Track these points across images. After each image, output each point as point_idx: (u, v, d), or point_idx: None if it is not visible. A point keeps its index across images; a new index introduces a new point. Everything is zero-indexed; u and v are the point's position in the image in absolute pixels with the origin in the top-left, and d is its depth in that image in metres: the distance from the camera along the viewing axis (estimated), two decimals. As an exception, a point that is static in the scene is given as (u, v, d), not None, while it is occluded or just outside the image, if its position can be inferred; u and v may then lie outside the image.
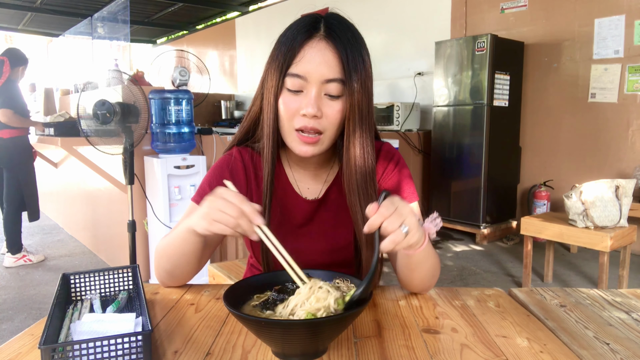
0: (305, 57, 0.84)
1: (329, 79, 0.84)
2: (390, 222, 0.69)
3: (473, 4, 4.74)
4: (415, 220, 0.71)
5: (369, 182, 0.91)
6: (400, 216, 0.70)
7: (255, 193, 0.98)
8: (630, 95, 3.73)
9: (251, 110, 0.97)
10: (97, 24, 5.39)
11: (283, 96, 0.87)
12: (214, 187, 0.92)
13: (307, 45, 0.84)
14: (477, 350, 0.71)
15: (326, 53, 0.84)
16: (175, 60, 3.51)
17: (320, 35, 0.85)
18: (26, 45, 11.13)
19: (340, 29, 0.85)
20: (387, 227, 0.69)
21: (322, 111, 0.85)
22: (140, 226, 2.97)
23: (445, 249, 3.99)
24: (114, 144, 2.55)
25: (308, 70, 0.84)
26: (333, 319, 0.66)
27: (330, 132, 0.88)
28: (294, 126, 0.87)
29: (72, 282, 0.90)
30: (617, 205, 2.61)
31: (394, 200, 0.71)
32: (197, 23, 9.15)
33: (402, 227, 0.69)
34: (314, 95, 0.84)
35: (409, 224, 0.70)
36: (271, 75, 0.88)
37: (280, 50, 0.86)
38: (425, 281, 0.91)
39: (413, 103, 4.86)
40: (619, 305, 0.89)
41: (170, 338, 0.76)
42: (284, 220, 0.98)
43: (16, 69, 3.59)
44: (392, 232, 0.69)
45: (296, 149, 0.89)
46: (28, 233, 4.65)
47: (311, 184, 1.01)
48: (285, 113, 0.87)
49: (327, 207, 1.00)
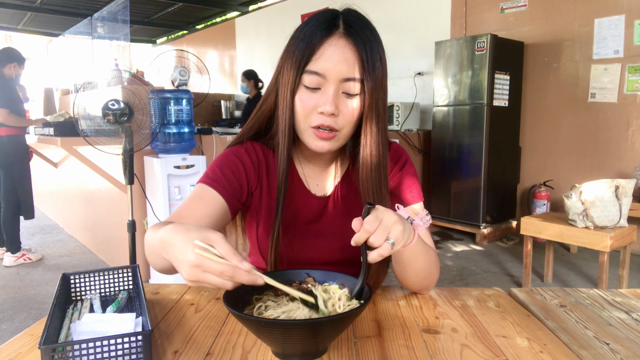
0: (324, 55, 0.83)
1: (348, 77, 0.83)
2: (376, 237, 0.69)
3: (473, 4, 4.74)
4: (401, 228, 0.71)
5: (383, 180, 0.92)
6: (385, 230, 0.70)
7: (265, 187, 0.97)
8: (630, 95, 3.73)
9: (263, 105, 0.95)
10: (97, 23, 5.39)
11: (300, 93, 0.86)
12: (226, 172, 0.93)
13: (326, 43, 0.83)
14: (477, 350, 0.71)
15: (345, 51, 0.83)
16: (175, 60, 3.51)
17: (340, 32, 0.84)
18: (26, 45, 11.13)
19: (359, 26, 0.85)
20: (373, 242, 0.69)
21: (339, 109, 0.85)
22: (140, 226, 2.97)
23: (445, 249, 3.99)
24: (114, 144, 2.54)
25: (327, 68, 0.83)
26: (333, 319, 0.66)
27: (347, 130, 0.88)
28: (311, 124, 0.86)
29: (72, 282, 0.90)
30: (617, 205, 2.61)
31: (378, 214, 0.71)
32: (197, 23, 9.15)
33: (388, 240, 0.70)
34: (332, 93, 0.83)
35: (395, 236, 0.70)
36: (287, 71, 0.86)
37: (298, 46, 0.85)
38: (421, 278, 0.90)
39: (413, 103, 4.86)
40: (619, 305, 0.89)
41: (170, 338, 0.76)
42: (294, 216, 0.97)
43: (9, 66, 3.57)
44: (379, 247, 0.70)
45: (312, 144, 0.88)
46: (28, 233, 4.65)
47: (321, 181, 1.01)
48: (302, 110, 0.86)
49: (336, 203, 1.00)
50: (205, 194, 0.90)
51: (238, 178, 0.94)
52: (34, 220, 5.20)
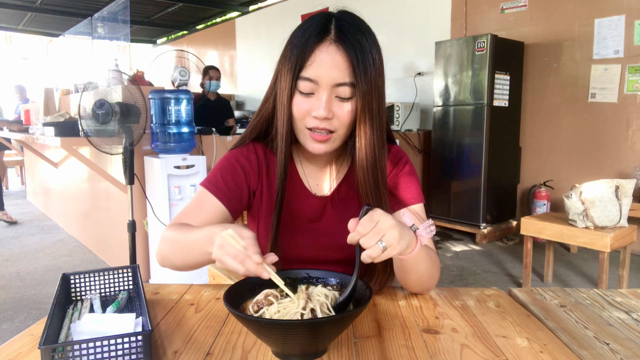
0: (316, 61, 0.85)
1: (339, 82, 0.85)
2: (367, 239, 0.70)
3: (473, 4, 4.74)
4: (396, 234, 0.72)
5: (381, 181, 0.93)
6: (378, 233, 0.71)
7: (266, 187, 1.00)
8: (630, 95, 3.73)
9: (263, 108, 0.98)
10: (97, 24, 5.38)
11: (295, 98, 0.89)
12: (226, 177, 0.97)
13: (317, 49, 0.85)
14: (477, 350, 0.71)
15: (336, 57, 0.85)
16: (175, 60, 3.50)
17: (331, 38, 0.85)
18: (26, 45, 11.14)
19: (350, 31, 0.86)
20: (364, 244, 0.71)
21: (333, 112, 0.87)
22: (140, 226, 2.97)
23: (445, 249, 3.99)
24: (114, 144, 2.54)
25: (319, 74, 0.85)
26: (333, 319, 0.66)
27: (342, 131, 0.90)
28: (306, 125, 0.89)
29: (72, 282, 0.90)
30: (617, 205, 2.61)
31: (374, 216, 0.72)
32: (197, 23, 9.15)
33: (379, 243, 0.70)
34: (325, 98, 0.86)
35: (388, 240, 0.71)
36: (284, 76, 0.89)
37: (293, 52, 0.87)
38: (422, 282, 0.91)
39: (413, 103, 4.85)
40: (619, 305, 0.89)
41: (170, 338, 0.76)
42: (294, 215, 0.99)
43: None
44: (369, 248, 0.70)
45: (309, 146, 0.91)
46: (28, 233, 4.66)
47: (321, 181, 1.02)
48: (297, 114, 0.89)
49: (336, 203, 1.01)
50: (206, 200, 0.95)
51: (238, 182, 0.97)
52: (34, 221, 5.21)
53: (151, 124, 2.94)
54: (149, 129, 2.97)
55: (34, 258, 3.82)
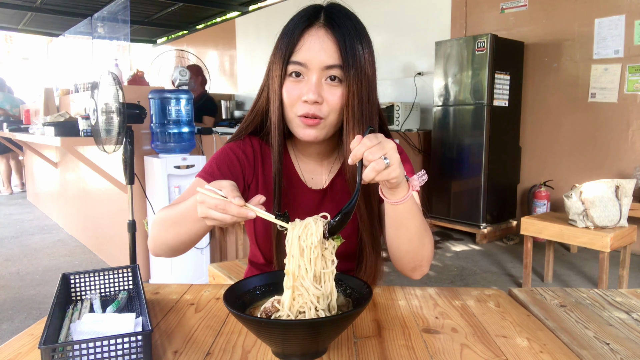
0: (305, 45, 0.87)
1: (328, 65, 0.86)
2: (372, 152, 0.70)
3: (473, 4, 4.74)
4: (398, 157, 0.73)
5: None
6: (383, 148, 0.71)
7: (261, 180, 1.00)
8: (630, 95, 3.73)
9: (257, 102, 0.99)
10: (97, 24, 5.38)
11: (286, 84, 0.89)
12: (221, 167, 0.97)
13: (306, 34, 0.87)
14: (477, 350, 0.71)
15: (325, 40, 0.86)
16: (175, 60, 3.51)
17: (320, 23, 0.87)
18: (26, 45, 11.14)
19: (339, 17, 0.88)
20: (368, 156, 0.70)
21: (322, 97, 0.87)
22: (140, 226, 2.97)
23: (445, 249, 3.99)
24: (114, 144, 2.54)
25: (308, 58, 0.86)
26: (333, 319, 0.66)
27: (332, 118, 0.90)
28: (297, 113, 0.89)
29: (72, 282, 0.90)
30: (617, 205, 2.61)
31: (378, 135, 0.73)
32: (197, 23, 9.14)
33: (384, 159, 0.71)
34: (314, 81, 0.86)
35: (391, 158, 0.71)
36: (275, 65, 0.90)
37: (283, 41, 0.89)
38: (414, 246, 0.88)
39: (413, 103, 4.85)
40: (619, 305, 0.89)
41: (170, 338, 0.76)
42: (289, 209, 0.99)
43: None
44: (373, 161, 0.71)
45: (299, 133, 0.91)
46: (28, 233, 4.66)
47: (316, 174, 1.03)
48: (287, 100, 0.89)
49: (331, 197, 1.02)
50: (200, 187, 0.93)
51: (233, 172, 0.98)
52: (34, 220, 5.21)
53: (151, 124, 2.94)
54: (149, 128, 2.97)
55: (34, 258, 3.82)
